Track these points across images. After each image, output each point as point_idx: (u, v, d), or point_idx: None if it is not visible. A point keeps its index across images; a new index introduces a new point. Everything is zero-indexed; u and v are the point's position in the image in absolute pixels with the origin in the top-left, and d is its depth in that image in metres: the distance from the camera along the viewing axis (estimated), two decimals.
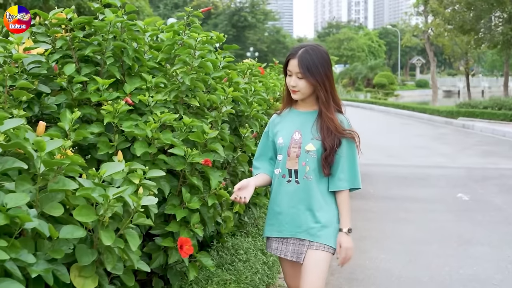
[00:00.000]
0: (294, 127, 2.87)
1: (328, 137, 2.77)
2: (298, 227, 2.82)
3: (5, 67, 2.71)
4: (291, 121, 2.91)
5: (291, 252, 2.85)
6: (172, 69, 3.35)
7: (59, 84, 3.14)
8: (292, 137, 2.84)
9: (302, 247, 2.82)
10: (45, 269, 2.12)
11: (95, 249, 2.37)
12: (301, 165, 2.80)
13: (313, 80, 2.73)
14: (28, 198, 2.04)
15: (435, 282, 4.88)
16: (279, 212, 2.87)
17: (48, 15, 3.48)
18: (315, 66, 2.73)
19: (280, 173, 2.87)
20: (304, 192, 2.80)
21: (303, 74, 2.73)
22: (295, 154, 2.81)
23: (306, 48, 2.78)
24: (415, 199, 8.30)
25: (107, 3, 3.50)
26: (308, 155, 2.79)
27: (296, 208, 2.82)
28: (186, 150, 3.00)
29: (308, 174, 2.79)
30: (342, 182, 2.82)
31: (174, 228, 3.01)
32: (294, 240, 2.85)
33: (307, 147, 2.79)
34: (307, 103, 2.90)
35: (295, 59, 2.75)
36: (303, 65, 2.72)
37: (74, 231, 2.22)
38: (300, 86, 2.77)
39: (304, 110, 2.92)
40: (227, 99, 3.41)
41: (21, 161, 2.21)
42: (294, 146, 2.82)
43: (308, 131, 2.83)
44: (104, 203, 2.31)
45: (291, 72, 2.79)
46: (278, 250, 2.90)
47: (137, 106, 3.27)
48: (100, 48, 3.30)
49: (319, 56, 2.76)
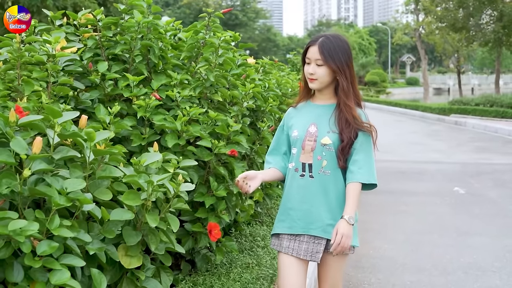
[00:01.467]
0: (310, 119, 2.74)
1: (346, 129, 2.65)
2: (311, 224, 2.67)
3: (49, 64, 2.91)
4: (307, 113, 2.78)
5: (304, 251, 2.68)
6: (197, 66, 3.56)
7: (93, 81, 3.35)
8: (307, 129, 2.71)
9: (318, 246, 2.67)
10: (98, 247, 2.34)
11: (139, 231, 2.59)
12: (316, 159, 2.67)
13: (334, 66, 2.61)
14: (84, 183, 2.26)
15: (438, 270, 5.12)
16: (290, 207, 2.73)
17: (77, 16, 3.67)
18: (335, 53, 2.62)
19: (294, 167, 2.74)
20: (320, 187, 2.67)
21: (324, 60, 2.61)
22: (310, 148, 2.68)
23: (327, 35, 2.69)
24: (413, 193, 8.55)
25: (132, 4, 3.70)
26: (325, 149, 2.66)
27: (309, 204, 2.68)
28: (213, 142, 3.22)
29: (325, 168, 2.67)
30: (356, 175, 2.65)
31: (203, 214, 3.23)
32: (308, 238, 2.68)
33: (323, 140, 2.67)
34: (325, 95, 2.77)
35: (315, 45, 2.64)
36: (323, 50, 2.61)
37: (123, 214, 2.43)
38: (318, 74, 2.65)
39: (321, 103, 2.78)
40: (248, 95, 3.63)
41: (74, 150, 2.43)
42: (309, 139, 2.69)
43: (324, 124, 2.70)
44: (148, 189, 2.53)
45: (310, 59, 2.67)
46: (290, 249, 2.70)
47: (163, 101, 3.48)
48: (128, 47, 3.51)
49: (340, 44, 2.66)
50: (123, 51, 3.52)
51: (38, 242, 2.05)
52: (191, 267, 3.46)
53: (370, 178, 2.68)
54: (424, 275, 4.96)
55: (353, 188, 2.66)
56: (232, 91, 3.68)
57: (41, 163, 2.18)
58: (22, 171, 2.12)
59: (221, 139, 3.34)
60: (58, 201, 2.10)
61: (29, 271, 2.06)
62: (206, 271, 3.50)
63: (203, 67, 3.62)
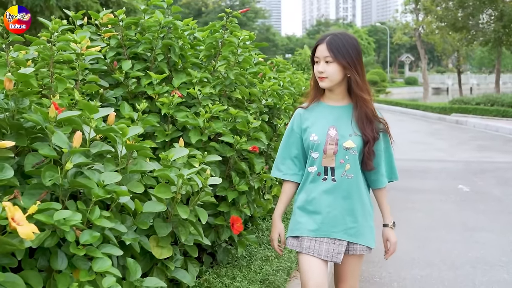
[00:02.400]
0: (328, 123, 2.69)
1: (367, 127, 2.65)
2: (334, 227, 2.65)
3: (78, 63, 3.00)
4: (324, 116, 2.72)
5: (325, 251, 2.66)
6: (217, 65, 3.66)
7: (117, 79, 3.45)
8: (327, 133, 2.66)
9: (340, 247, 2.66)
10: (133, 238, 2.44)
11: (169, 223, 2.69)
12: (338, 163, 2.64)
13: (344, 62, 2.58)
14: (120, 176, 2.36)
15: (447, 264, 5.22)
16: (312, 211, 2.70)
17: (99, 16, 3.77)
18: (345, 49, 2.59)
19: (316, 171, 2.69)
20: (343, 190, 2.65)
21: (333, 57, 2.58)
22: (332, 152, 2.64)
23: (335, 33, 2.66)
24: (419, 190, 8.67)
25: (153, 4, 3.80)
26: (348, 153, 2.64)
27: (331, 207, 2.66)
28: (236, 138, 3.32)
29: (348, 172, 2.65)
30: (384, 178, 2.76)
31: (225, 208, 3.32)
32: (328, 240, 2.67)
33: (346, 144, 2.64)
34: (337, 94, 2.73)
35: (323, 44, 2.62)
36: (332, 47, 2.58)
37: (155, 206, 2.53)
38: (328, 72, 2.61)
39: (335, 104, 2.74)
40: (267, 92, 3.73)
41: (108, 145, 2.53)
42: (330, 143, 2.65)
43: (345, 127, 2.67)
44: (178, 182, 2.63)
45: (318, 58, 2.64)
46: (310, 249, 2.68)
47: (184, 98, 3.58)
48: (150, 46, 3.60)
49: (349, 41, 2.63)
50: (145, 50, 3.61)
51: (80, 232, 2.15)
52: (212, 259, 3.56)
53: (392, 176, 2.84)
54: (433, 270, 5.07)
55: (383, 193, 2.84)
56: (250, 89, 3.78)
57: (80, 156, 2.28)
58: (62, 164, 2.22)
59: (241, 136, 3.44)
60: (98, 193, 2.20)
61: (72, 259, 2.15)
62: (227, 263, 3.61)
63: (222, 66, 3.72)
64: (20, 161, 2.32)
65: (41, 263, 2.16)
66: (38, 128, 2.38)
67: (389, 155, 2.82)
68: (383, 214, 2.86)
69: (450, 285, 4.68)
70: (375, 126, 2.69)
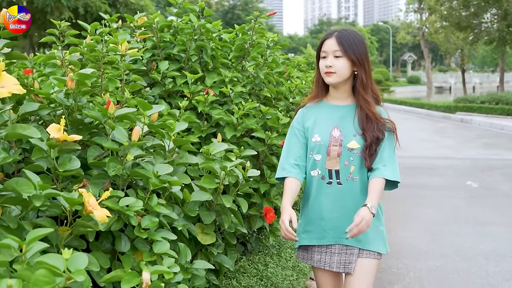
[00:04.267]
0: (332, 123, 2.60)
1: (368, 127, 2.54)
2: (343, 233, 2.50)
3: (122, 63, 3.22)
4: (327, 116, 2.63)
5: (337, 263, 2.59)
6: (248, 65, 3.87)
7: (155, 78, 3.67)
8: (330, 134, 2.58)
9: (351, 256, 2.58)
10: (183, 224, 2.66)
11: (212, 211, 2.91)
12: (343, 165, 2.55)
13: (354, 57, 2.50)
14: (171, 168, 2.57)
15: (460, 256, 5.43)
16: (320, 217, 2.60)
17: (134, 19, 3.98)
18: (354, 44, 2.52)
19: (319, 175, 2.59)
20: (349, 194, 2.56)
21: (343, 51, 2.50)
22: (335, 153, 2.55)
23: (344, 28, 2.61)
24: (428, 186, 8.88)
25: (186, 7, 4.01)
26: (352, 154, 2.54)
27: (339, 212, 2.56)
28: (267, 133, 3.54)
29: (353, 174, 2.55)
30: (381, 171, 2.52)
31: (258, 200, 3.54)
32: (339, 248, 2.59)
33: (350, 145, 2.55)
34: (341, 92, 2.63)
35: (332, 37, 2.54)
36: (342, 41, 2.51)
37: (202, 195, 2.75)
38: (337, 66, 2.51)
39: (339, 103, 2.65)
40: (294, 91, 3.95)
41: (157, 139, 2.75)
42: (334, 144, 2.55)
43: (349, 127, 2.58)
44: (220, 174, 2.85)
45: (326, 52, 2.54)
46: (321, 263, 2.62)
47: (217, 96, 3.80)
48: (184, 47, 3.82)
49: (358, 37, 2.56)
50: (179, 51, 3.83)
51: (141, 217, 2.36)
52: (244, 248, 3.78)
53: (395, 175, 2.55)
54: (447, 261, 5.28)
55: (377, 182, 2.51)
56: (278, 88, 4.00)
57: (137, 149, 2.50)
58: (121, 156, 2.44)
59: (272, 131, 3.65)
60: (156, 182, 2.42)
61: (134, 242, 2.37)
62: (259, 252, 3.83)
63: (252, 66, 3.93)
64: (80, 154, 2.53)
65: (105, 246, 2.39)
66: (96, 124, 2.60)
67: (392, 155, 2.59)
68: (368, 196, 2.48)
69: (464, 275, 4.89)
70: (378, 126, 2.55)
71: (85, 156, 2.47)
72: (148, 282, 1.94)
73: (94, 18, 22.12)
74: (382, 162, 2.55)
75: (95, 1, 20.23)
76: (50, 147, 2.19)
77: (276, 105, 3.99)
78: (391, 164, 2.56)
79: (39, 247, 1.62)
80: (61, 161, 2.24)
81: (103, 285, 2.27)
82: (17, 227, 1.98)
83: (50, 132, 2.17)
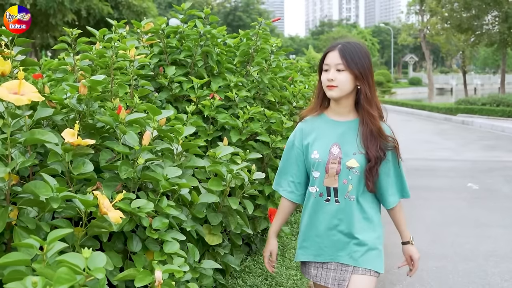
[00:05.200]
0: (331, 140, 2.54)
1: (371, 145, 2.48)
2: (340, 250, 2.53)
3: (131, 69, 3.32)
4: (327, 132, 2.57)
5: (332, 279, 2.56)
6: (252, 70, 3.97)
7: (162, 83, 3.76)
8: (330, 151, 2.51)
9: (345, 274, 2.54)
10: (191, 225, 2.75)
11: (219, 213, 3.00)
12: (341, 183, 2.49)
13: (357, 71, 2.43)
14: (180, 171, 2.67)
15: (460, 256, 5.53)
16: (316, 234, 2.57)
17: (141, 25, 4.08)
18: (358, 57, 2.45)
19: (317, 192, 2.55)
20: (345, 212, 2.51)
21: (346, 65, 2.42)
22: (334, 171, 2.49)
23: (347, 41, 2.52)
24: (429, 188, 8.97)
25: (192, 13, 4.11)
26: (351, 172, 2.48)
27: (336, 230, 2.53)
28: (271, 137, 3.63)
29: (350, 193, 2.50)
30: (394, 197, 2.60)
31: (262, 201, 3.64)
32: (335, 266, 2.56)
33: (349, 163, 2.48)
34: (343, 107, 2.55)
35: (335, 50, 2.46)
36: (345, 54, 2.43)
37: (209, 197, 2.84)
38: (339, 80, 2.43)
39: (340, 119, 2.57)
40: (298, 95, 4.05)
41: (166, 143, 2.84)
42: (333, 161, 2.50)
43: (349, 145, 2.51)
44: (227, 176, 2.94)
45: (328, 65, 2.47)
46: (317, 277, 2.60)
47: (222, 101, 3.90)
48: (191, 53, 3.92)
49: (361, 50, 2.50)
50: (185, 56, 3.93)
51: (152, 218, 2.46)
52: (248, 249, 3.88)
53: (404, 193, 2.66)
54: (448, 262, 5.37)
55: (397, 210, 2.66)
56: (281, 92, 4.10)
57: (147, 153, 2.59)
58: (131, 160, 2.54)
59: (276, 135, 3.75)
60: (166, 185, 2.51)
61: (145, 242, 2.47)
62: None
63: (256, 71, 4.03)
64: (92, 158, 2.63)
65: (118, 246, 2.48)
66: (107, 128, 2.70)
67: (399, 175, 2.61)
68: (400, 232, 2.72)
69: (464, 275, 4.98)
70: (380, 144, 2.50)
71: (97, 160, 2.57)
72: (161, 280, 2.03)
73: (96, 20, 22.23)
74: (392, 187, 2.58)
75: (97, 4, 20.33)
76: (65, 151, 2.28)
77: (280, 109, 4.09)
78: (399, 185, 2.63)
79: (59, 246, 1.72)
80: (75, 164, 2.34)
81: (116, 284, 2.37)
82: (35, 228, 2.08)
83: (64, 136, 2.26)
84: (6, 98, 1.99)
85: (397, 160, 2.57)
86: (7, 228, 2.08)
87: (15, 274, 1.67)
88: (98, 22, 22.46)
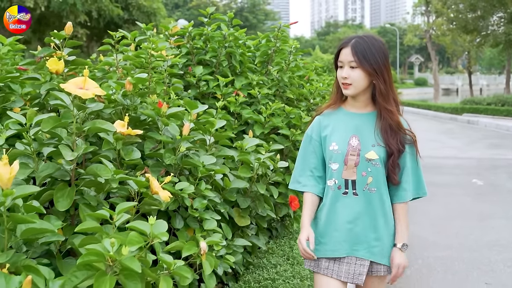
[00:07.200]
0: (350, 131, 2.50)
1: (392, 139, 2.45)
2: (356, 245, 2.47)
3: (165, 68, 3.66)
4: (345, 124, 2.53)
5: (345, 272, 2.48)
6: (273, 69, 4.31)
7: (189, 81, 4.10)
8: (348, 143, 2.47)
9: (361, 268, 2.47)
10: (224, 207, 3.09)
11: (247, 197, 3.34)
12: (360, 175, 2.45)
13: (370, 68, 2.39)
14: (215, 159, 3.01)
15: (464, 247, 5.85)
16: (334, 228, 2.49)
17: (169, 27, 4.41)
18: (371, 53, 2.40)
19: (336, 184, 2.49)
20: (365, 205, 2.46)
21: (358, 62, 2.39)
22: (353, 163, 2.44)
23: (360, 35, 2.47)
24: (434, 184, 9.27)
25: (215, 17, 4.45)
26: (370, 164, 2.44)
27: (353, 224, 2.46)
28: (291, 130, 3.97)
29: (370, 185, 2.45)
30: (407, 193, 2.50)
31: (283, 190, 3.96)
32: (349, 259, 2.48)
33: (368, 155, 2.44)
34: (360, 102, 2.53)
35: (348, 47, 2.43)
36: (357, 51, 2.40)
37: (240, 183, 3.17)
38: (353, 78, 2.42)
39: (357, 111, 2.55)
40: (315, 92, 4.38)
41: (201, 135, 3.18)
42: (352, 153, 2.45)
43: (368, 137, 2.48)
44: (254, 165, 3.28)
45: (342, 62, 2.45)
46: (329, 270, 2.50)
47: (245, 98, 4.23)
48: (216, 54, 4.26)
49: (376, 45, 2.44)
50: (211, 57, 4.27)
51: (192, 199, 2.79)
52: (270, 233, 4.21)
53: (420, 191, 2.57)
54: (453, 251, 5.69)
55: (403, 209, 2.54)
56: (300, 90, 4.44)
57: (187, 142, 2.93)
58: (175, 148, 2.87)
59: (295, 129, 4.08)
60: (204, 170, 2.85)
61: (186, 220, 2.81)
62: (283, 236, 4.26)
63: (276, 70, 4.37)
64: (136, 147, 2.96)
65: None
66: (149, 121, 3.03)
67: (416, 169, 2.55)
68: (396, 232, 2.53)
69: (469, 262, 5.30)
70: (400, 137, 2.48)
71: (140, 149, 2.90)
72: (206, 250, 2.36)
73: (106, 21, 22.60)
74: (407, 182, 2.50)
75: (108, 5, 20.68)
76: (116, 140, 2.62)
77: (298, 105, 4.42)
78: (416, 182, 2.55)
79: (125, 217, 2.06)
80: (125, 151, 2.68)
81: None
82: (97, 204, 2.42)
83: (117, 127, 2.60)
84: (74, 92, 2.33)
85: (415, 155, 2.54)
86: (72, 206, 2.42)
87: (88, 240, 2.01)
88: (108, 23, 22.86)
